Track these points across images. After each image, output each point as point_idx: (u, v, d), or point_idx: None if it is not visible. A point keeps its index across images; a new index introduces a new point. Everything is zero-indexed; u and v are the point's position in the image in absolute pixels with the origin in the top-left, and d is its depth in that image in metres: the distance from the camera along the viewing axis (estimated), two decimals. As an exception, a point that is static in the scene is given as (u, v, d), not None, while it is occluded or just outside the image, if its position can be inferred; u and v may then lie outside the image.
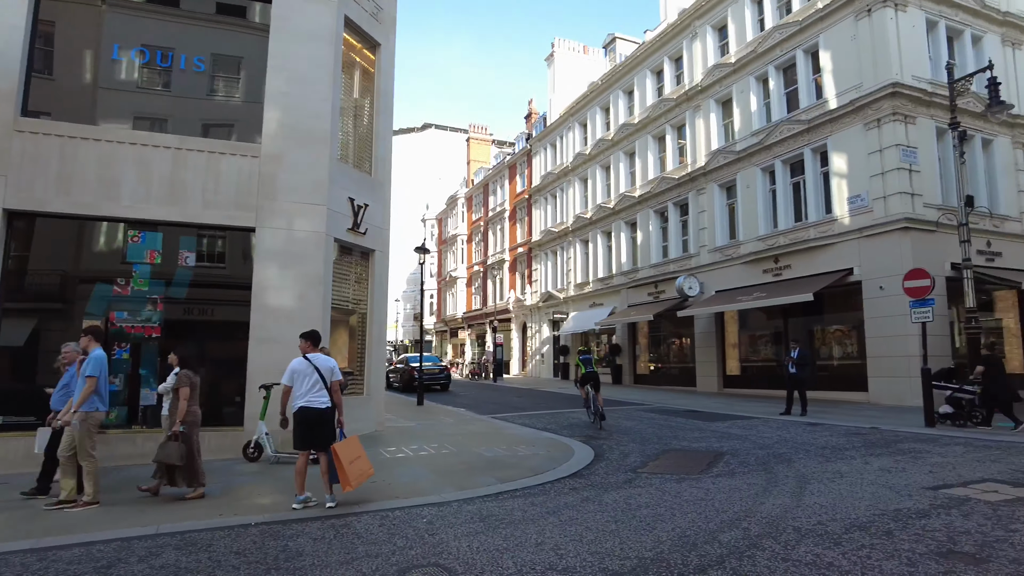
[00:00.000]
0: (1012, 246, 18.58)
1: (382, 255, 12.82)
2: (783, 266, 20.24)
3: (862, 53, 17.90)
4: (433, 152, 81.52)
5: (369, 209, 12.20)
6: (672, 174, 26.07)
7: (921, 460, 8.15)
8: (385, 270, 12.97)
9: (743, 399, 19.54)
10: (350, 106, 12.96)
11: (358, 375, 12.22)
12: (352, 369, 12.10)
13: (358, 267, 12.48)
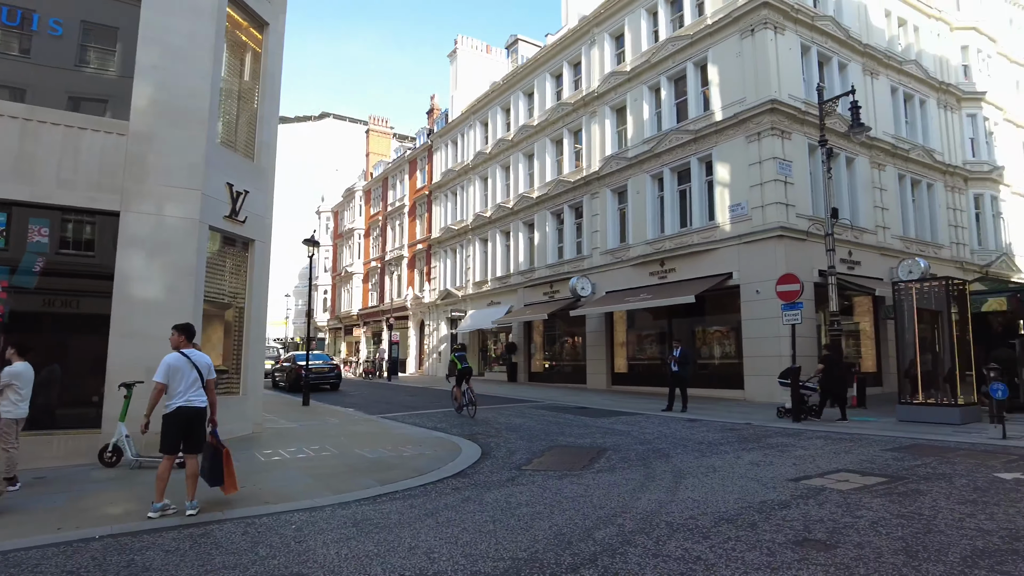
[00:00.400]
0: (869, 256, 20.37)
1: (263, 245, 12.13)
2: (668, 269, 21.13)
3: (746, 70, 18.99)
4: (331, 142, 78.96)
5: (250, 196, 11.50)
6: (568, 177, 26.58)
7: (787, 453, 8.68)
8: (266, 262, 12.28)
9: (630, 396, 20.22)
10: (234, 87, 12.17)
11: (234, 373, 11.50)
12: (227, 367, 11.36)
13: (236, 258, 11.74)
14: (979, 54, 26.62)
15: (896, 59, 22.87)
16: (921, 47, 24.71)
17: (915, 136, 23.69)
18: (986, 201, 25.92)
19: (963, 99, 25.77)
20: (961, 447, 8.90)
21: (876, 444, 9.36)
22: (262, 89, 12.63)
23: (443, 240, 37.32)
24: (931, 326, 12.46)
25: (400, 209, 44.38)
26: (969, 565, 4.10)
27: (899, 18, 24.05)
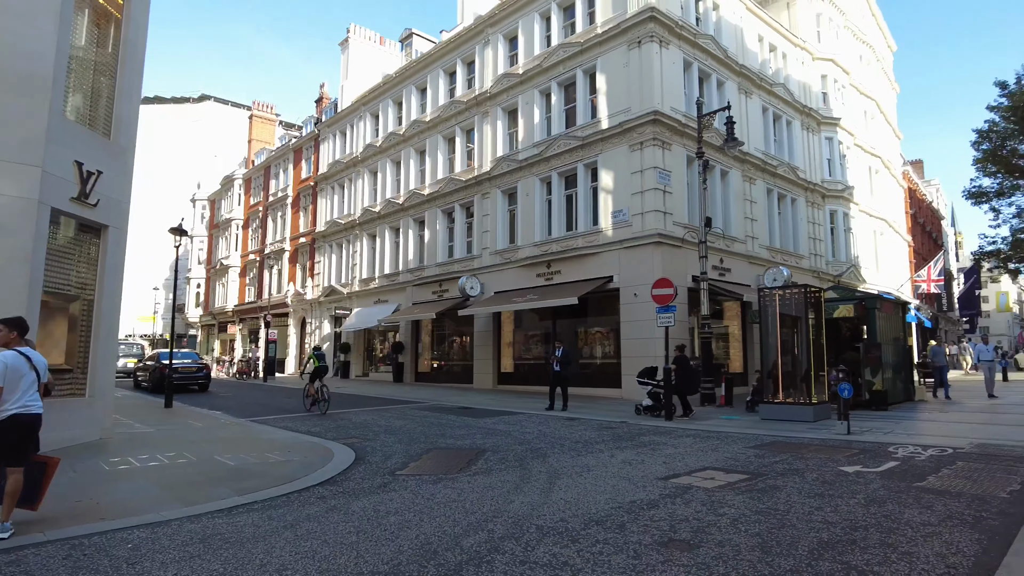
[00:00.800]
0: (739, 264, 21.72)
1: (119, 232, 10.99)
2: (554, 271, 21.49)
3: (631, 80, 19.65)
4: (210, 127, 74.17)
5: (105, 178, 10.37)
6: (460, 176, 26.41)
7: (658, 452, 8.96)
8: (121, 250, 11.14)
9: (516, 395, 20.34)
10: (90, 57, 10.95)
11: (80, 373, 10.32)
12: (71, 366, 10.18)
13: (87, 245, 10.56)
14: (835, 84, 29.21)
15: (767, 81, 24.59)
16: (788, 72, 26.73)
17: (782, 154, 25.57)
18: (839, 217, 28.47)
19: (822, 123, 28.17)
20: (813, 443, 9.58)
21: (740, 442, 9.88)
22: (122, 59, 11.43)
23: (328, 234, 35.97)
24: (791, 330, 13.38)
25: (283, 200, 42.33)
26: (815, 557, 4.31)
27: (770, 44, 25.87)
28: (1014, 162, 21.46)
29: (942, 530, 4.85)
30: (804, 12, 28.73)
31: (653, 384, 14.03)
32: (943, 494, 6.04)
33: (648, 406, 13.89)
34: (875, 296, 16.15)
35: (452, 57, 27.85)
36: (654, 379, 14.13)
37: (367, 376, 32.75)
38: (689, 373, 14.29)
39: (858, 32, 33.45)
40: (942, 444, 9.09)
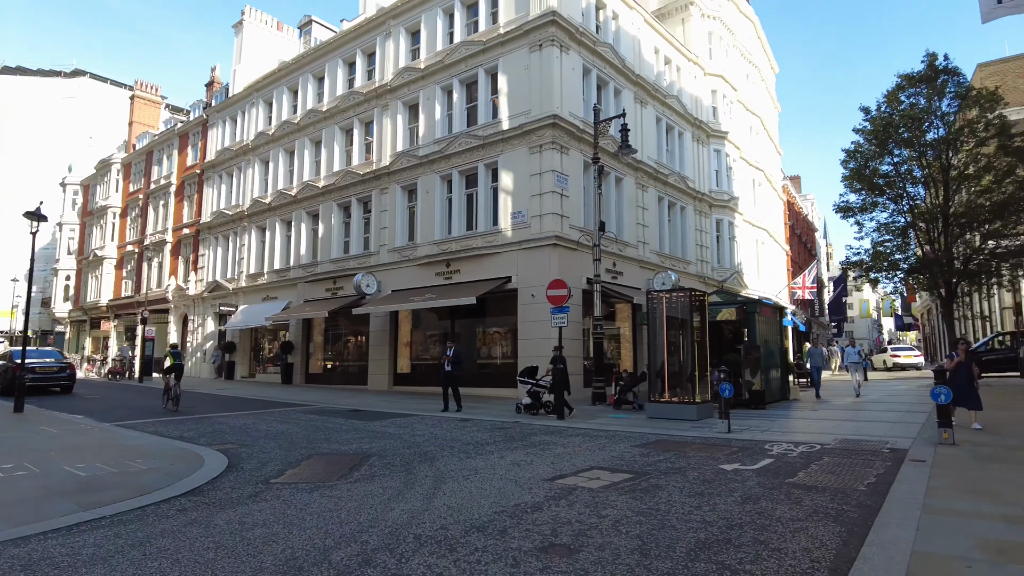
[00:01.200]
0: (630, 267, 22.40)
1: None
2: (454, 270, 21.25)
3: (532, 83, 19.76)
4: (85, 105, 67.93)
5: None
6: (358, 169, 25.60)
7: (548, 452, 8.94)
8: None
9: (411, 397, 19.92)
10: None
11: (-102, 374, 8.98)
12: None
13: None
14: (724, 99, 30.85)
15: (662, 92, 25.54)
16: (682, 85, 27.91)
17: (673, 163, 26.64)
18: (725, 226, 30.06)
19: (711, 135, 29.65)
20: (696, 441, 9.91)
21: (627, 440, 10.06)
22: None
23: (215, 226, 33.85)
24: (677, 332, 13.87)
25: (166, 188, 39.45)
26: (692, 558, 4.34)
27: (666, 56, 26.91)
28: (875, 181, 23.42)
29: (809, 525, 5.05)
30: (697, 29, 30.13)
31: (533, 383, 14.48)
32: (811, 489, 6.34)
33: (528, 404, 14.30)
34: (755, 301, 17.11)
35: (352, 47, 26.97)
36: (534, 378, 14.61)
37: (254, 377, 31.11)
38: (565, 373, 14.60)
39: (745, 52, 35.53)
40: (811, 441, 9.66)
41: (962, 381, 10.30)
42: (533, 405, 14.38)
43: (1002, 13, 7.53)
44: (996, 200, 21.47)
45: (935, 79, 22.14)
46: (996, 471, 6.96)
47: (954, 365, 10.61)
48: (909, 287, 31.45)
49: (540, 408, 14.36)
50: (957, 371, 10.47)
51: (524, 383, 14.97)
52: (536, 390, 14.61)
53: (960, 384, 10.25)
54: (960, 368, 10.49)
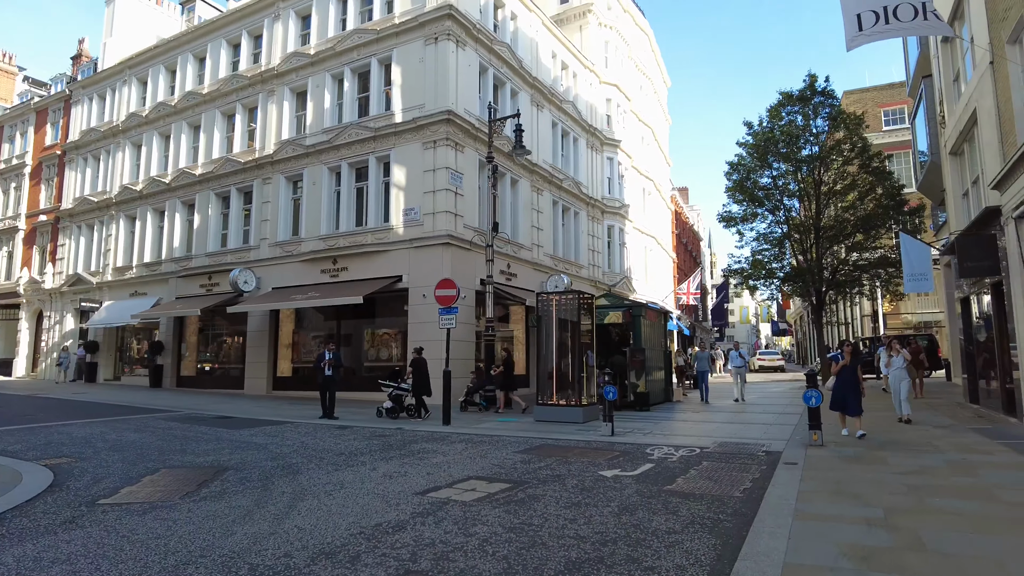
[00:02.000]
0: (524, 270, 22.25)
1: None
2: (340, 268, 20.23)
3: (427, 77, 19.15)
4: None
5: None
6: (239, 157, 23.91)
7: (425, 461, 8.40)
8: None
9: (290, 402, 18.72)
10: None
11: None
12: None
13: None
14: (618, 108, 31.56)
15: (558, 97, 25.66)
16: (578, 92, 28.23)
17: (568, 168, 26.85)
18: (616, 232, 30.71)
19: (605, 143, 30.20)
20: (579, 446, 9.71)
21: (511, 446, 9.70)
22: None
23: (77, 213, 30.59)
24: (566, 334, 13.72)
25: (19, 169, 35.29)
26: (562, 580, 3.97)
27: (563, 62, 27.10)
28: (756, 193, 24.66)
29: (684, 538, 4.84)
30: (595, 37, 30.63)
31: (394, 386, 14.16)
32: (688, 497, 6.21)
33: (389, 408, 14.00)
34: (641, 304, 17.39)
35: (238, 27, 25.19)
36: (396, 382, 14.33)
37: (119, 380, 28.38)
38: (425, 375, 14.46)
39: (640, 64, 36.61)
40: (692, 444, 9.71)
41: (845, 385, 9.69)
42: (394, 409, 14.07)
43: (864, 41, 7.83)
44: (859, 215, 23.18)
45: (812, 99, 23.61)
46: (858, 471, 7.16)
47: (838, 368, 9.92)
48: (784, 294, 33.55)
49: (402, 411, 14.14)
50: (841, 375, 9.85)
51: (386, 387, 14.50)
52: (398, 393, 14.27)
53: (843, 388, 9.70)
54: (844, 372, 9.83)
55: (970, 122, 13.51)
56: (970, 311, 14.83)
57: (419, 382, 14.16)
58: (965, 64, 14.41)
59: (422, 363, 14.40)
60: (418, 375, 14.17)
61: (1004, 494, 5.95)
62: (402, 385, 14.33)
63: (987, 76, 11.97)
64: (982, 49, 12.05)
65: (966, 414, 13.14)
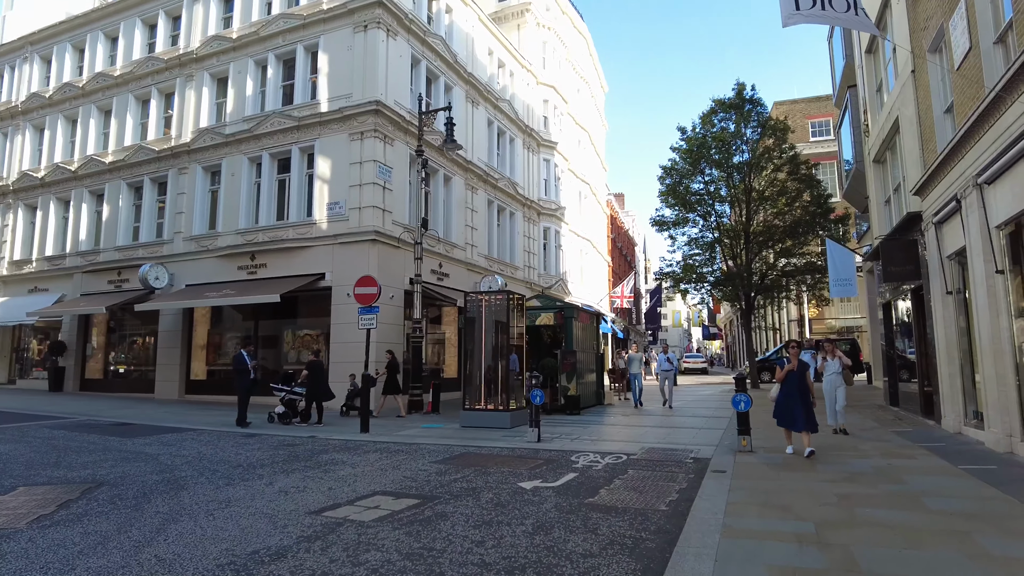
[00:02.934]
0: (457, 270, 21.61)
1: None
2: (259, 264, 19.09)
3: (355, 66, 18.28)
4: None
5: None
6: (153, 145, 22.32)
7: (331, 474, 7.67)
8: None
9: (203, 407, 17.47)
10: None
11: None
12: None
13: None
14: (555, 110, 31.34)
15: (494, 95, 25.15)
16: (515, 91, 27.81)
17: (504, 168, 26.38)
18: (552, 234, 30.45)
19: (542, 145, 29.91)
20: (502, 453, 9.16)
21: (430, 455, 9.07)
22: None
23: (-33, 201, 27.99)
24: (495, 335, 13.19)
25: (-99, 152, 32.07)
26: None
27: (500, 60, 26.62)
28: (688, 198, 24.82)
29: (601, 562, 4.34)
30: (532, 37, 30.33)
31: (287, 390, 13.51)
32: (610, 511, 5.74)
33: (281, 413, 13.31)
34: (573, 306, 17.04)
35: (155, 7, 23.56)
36: (288, 385, 13.68)
37: (14, 384, 26.09)
38: (322, 379, 13.80)
39: (577, 67, 36.58)
40: (619, 451, 9.31)
41: (792, 395, 8.19)
42: (286, 414, 13.31)
43: (799, 20, 7.65)
44: (788, 222, 23.65)
45: (743, 107, 23.96)
46: (787, 480, 6.89)
47: (783, 375, 8.37)
48: (715, 299, 34.10)
49: (295, 417, 13.40)
50: (787, 382, 8.28)
51: (278, 391, 13.73)
52: (291, 398, 13.53)
53: (789, 399, 8.21)
54: (790, 379, 8.27)
55: (892, 130, 13.77)
56: (891, 316, 15.14)
57: (315, 386, 13.40)
58: (887, 74, 14.72)
59: (319, 366, 13.71)
60: (314, 378, 13.40)
61: (930, 502, 5.75)
62: (295, 389, 13.58)
63: (909, 85, 12.17)
64: (904, 54, 12.24)
65: (887, 416, 13.33)
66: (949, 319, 10.44)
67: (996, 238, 8.29)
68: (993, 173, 8.10)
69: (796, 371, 8.25)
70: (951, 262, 10.37)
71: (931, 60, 11.00)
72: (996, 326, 8.31)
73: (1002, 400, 8.21)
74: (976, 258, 8.77)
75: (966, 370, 10.20)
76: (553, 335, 16.96)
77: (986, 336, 8.58)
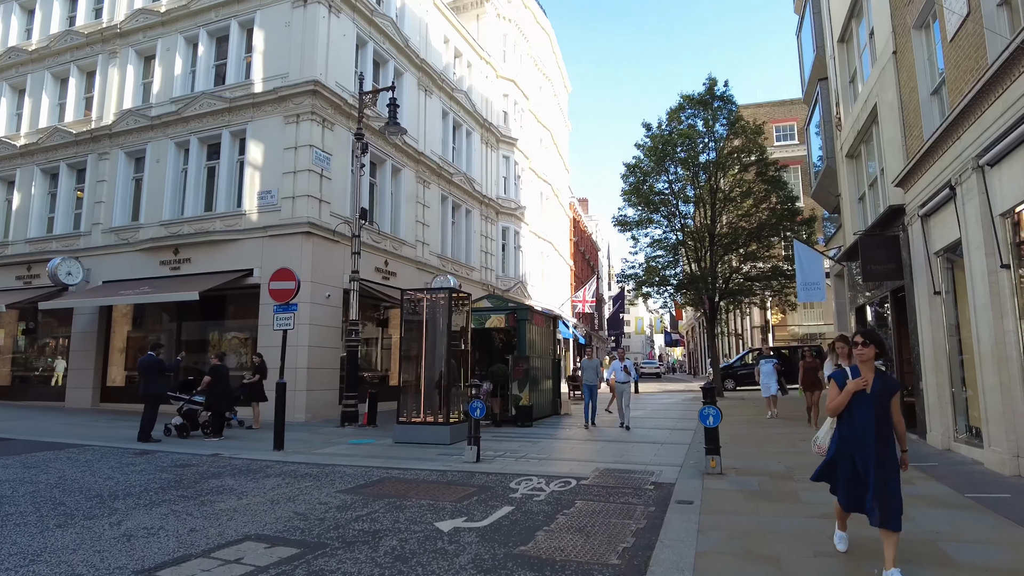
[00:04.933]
0: (406, 269, 20.06)
1: None
2: (183, 259, 17.28)
3: (293, 43, 16.68)
4: None
5: None
6: (72, 127, 20.29)
7: (207, 507, 6.11)
8: None
9: (116, 417, 15.62)
10: None
11: None
12: None
13: None
14: (516, 106, 30.06)
15: (449, 85, 23.71)
16: (472, 82, 26.43)
17: (460, 163, 24.96)
18: (511, 234, 29.11)
19: (501, 140, 28.57)
20: (430, 478, 7.71)
21: (342, 481, 7.57)
22: None
23: None
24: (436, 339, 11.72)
25: None
26: None
27: (456, 49, 25.23)
28: (651, 197, 23.77)
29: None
30: (492, 28, 29.02)
31: (185, 399, 12.04)
32: (546, 567, 4.34)
33: (179, 425, 11.83)
34: (526, 308, 15.65)
35: (76, -24, 21.55)
36: (188, 394, 12.18)
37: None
38: (225, 387, 12.34)
39: (540, 64, 35.41)
40: (568, 473, 7.95)
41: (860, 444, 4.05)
42: (185, 427, 11.83)
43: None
44: (754, 224, 22.74)
45: (712, 103, 23.01)
46: (769, 515, 5.61)
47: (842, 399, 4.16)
48: (677, 305, 33.19)
49: (196, 429, 12.01)
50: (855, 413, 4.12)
51: (175, 400, 12.20)
52: (190, 408, 12.03)
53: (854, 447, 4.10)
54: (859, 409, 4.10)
55: (869, 120, 12.80)
56: (866, 321, 14.16)
57: (218, 395, 11.89)
58: (862, 62, 13.79)
59: (222, 372, 12.21)
60: (216, 386, 11.90)
61: (954, 550, 4.51)
62: (194, 398, 12.05)
63: (889, 68, 11.18)
64: (884, 35, 11.26)
65: (862, 430, 12.29)
66: (936, 322, 9.38)
67: (1001, 228, 7.20)
68: (998, 152, 7.02)
69: (873, 393, 4.04)
70: (940, 258, 9.32)
71: (916, 37, 10.00)
72: (1000, 328, 7.22)
73: (1007, 414, 7.11)
74: (975, 252, 7.68)
75: (956, 379, 9.14)
76: (506, 339, 15.56)
77: (987, 340, 7.49)
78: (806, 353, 14.17)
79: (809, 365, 13.29)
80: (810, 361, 13.41)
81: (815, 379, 12.99)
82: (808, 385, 13.14)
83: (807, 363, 13.38)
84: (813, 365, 13.25)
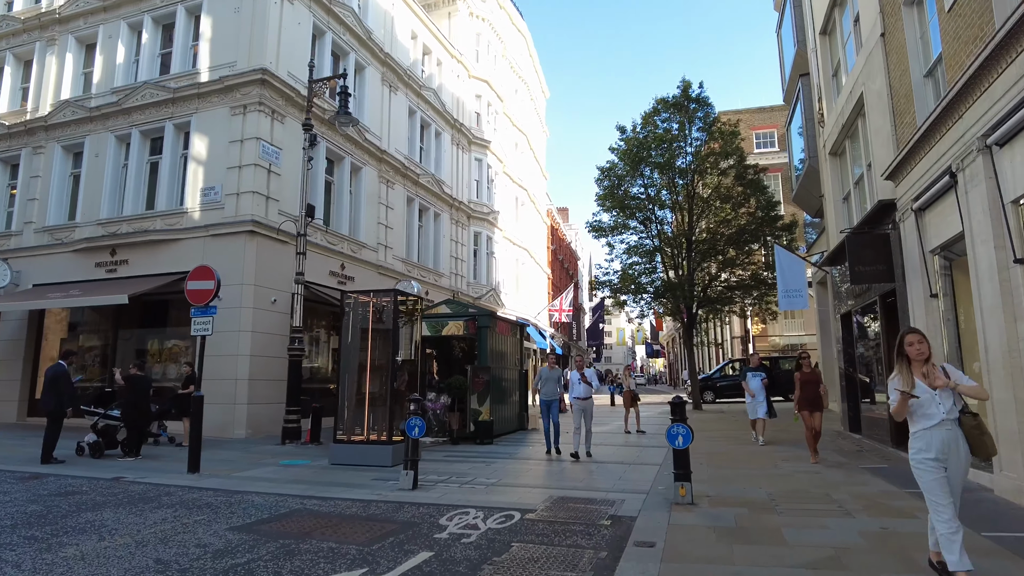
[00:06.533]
0: (366, 273, 18.84)
1: None
2: (120, 260, 15.95)
3: (242, 29, 15.52)
4: None
5: None
6: (5, 119, 18.91)
7: (49, 554, 4.87)
8: None
9: (37, 432, 14.10)
10: None
11: None
12: None
13: None
14: (489, 108, 29.06)
15: (416, 82, 22.63)
16: (442, 81, 25.39)
17: (428, 164, 23.86)
18: (483, 240, 28.00)
19: (473, 142, 27.53)
20: (349, 511, 6.51)
21: (245, 513, 6.35)
22: None
23: None
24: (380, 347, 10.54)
25: None
26: None
27: (425, 45, 24.19)
28: (626, 202, 22.79)
29: None
30: (464, 27, 28.05)
31: (100, 414, 10.84)
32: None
33: (93, 443, 10.61)
34: (488, 314, 14.47)
35: (15, -39, 20.21)
36: (104, 407, 10.95)
37: None
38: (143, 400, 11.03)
39: (516, 66, 34.49)
40: (514, 504, 6.79)
41: None
42: (98, 445, 10.58)
43: None
44: (733, 229, 21.81)
45: (687, 106, 22.12)
46: (744, 562, 4.52)
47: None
48: (656, 314, 32.21)
49: (114, 447, 10.80)
50: None
51: (90, 415, 10.96)
52: (107, 424, 10.81)
53: None
54: None
55: (854, 112, 11.92)
56: (851, 329, 13.20)
57: (135, 409, 10.68)
58: (846, 53, 12.95)
59: (142, 384, 10.92)
60: (135, 399, 10.68)
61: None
62: (110, 412, 10.81)
63: (877, 53, 10.29)
64: (871, 20, 10.37)
65: (849, 446, 11.29)
66: (934, 328, 8.40)
67: (1014, 216, 6.23)
68: (1010, 128, 6.06)
69: None
70: (937, 257, 8.36)
71: (907, 15, 9.10)
72: (1013, 334, 6.23)
73: (1023, 434, 6.10)
74: (981, 246, 6.71)
75: (956, 392, 8.14)
76: (467, 348, 14.41)
77: (997, 348, 6.49)
78: (802, 363, 10.02)
79: (807, 378, 9.72)
80: (808, 373, 9.80)
81: (816, 396, 9.59)
82: (806, 404, 9.61)
83: (804, 375, 9.76)
84: (813, 378, 9.75)
